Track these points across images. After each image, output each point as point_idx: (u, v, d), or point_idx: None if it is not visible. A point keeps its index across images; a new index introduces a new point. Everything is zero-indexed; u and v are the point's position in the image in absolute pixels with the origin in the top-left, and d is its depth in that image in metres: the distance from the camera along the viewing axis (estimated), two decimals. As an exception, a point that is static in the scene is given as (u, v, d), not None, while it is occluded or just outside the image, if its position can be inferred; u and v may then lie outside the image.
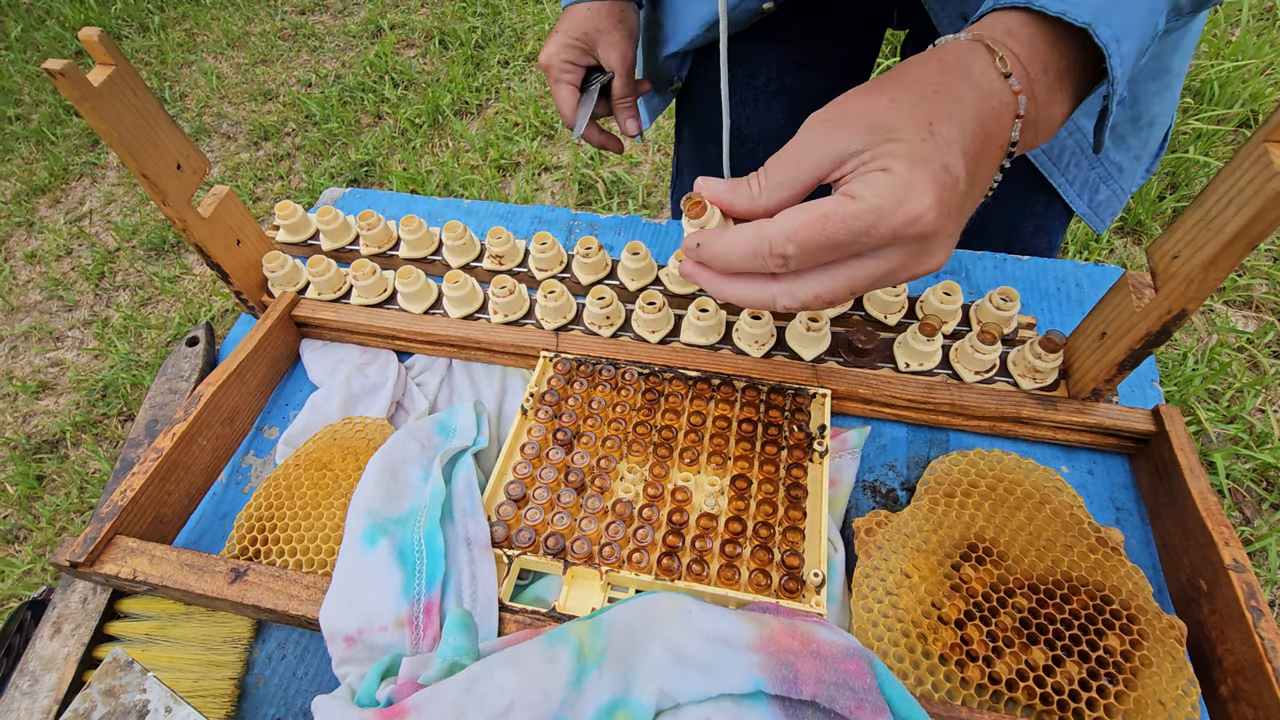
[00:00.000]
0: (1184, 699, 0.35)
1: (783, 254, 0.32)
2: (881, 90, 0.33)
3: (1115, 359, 0.42)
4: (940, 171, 0.30)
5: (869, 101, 0.33)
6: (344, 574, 0.39)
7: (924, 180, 0.30)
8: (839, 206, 0.31)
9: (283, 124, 2.06)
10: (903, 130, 0.31)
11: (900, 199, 0.30)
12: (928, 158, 0.30)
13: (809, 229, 0.31)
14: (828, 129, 0.33)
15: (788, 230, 0.31)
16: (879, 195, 0.30)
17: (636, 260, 0.53)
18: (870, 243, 0.31)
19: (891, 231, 0.30)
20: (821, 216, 0.31)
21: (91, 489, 1.34)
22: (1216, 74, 1.57)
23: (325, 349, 0.56)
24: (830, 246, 0.31)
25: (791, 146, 0.34)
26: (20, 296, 1.72)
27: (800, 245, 0.31)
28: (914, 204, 0.30)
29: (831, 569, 0.41)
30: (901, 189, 0.30)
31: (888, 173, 0.30)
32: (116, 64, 0.42)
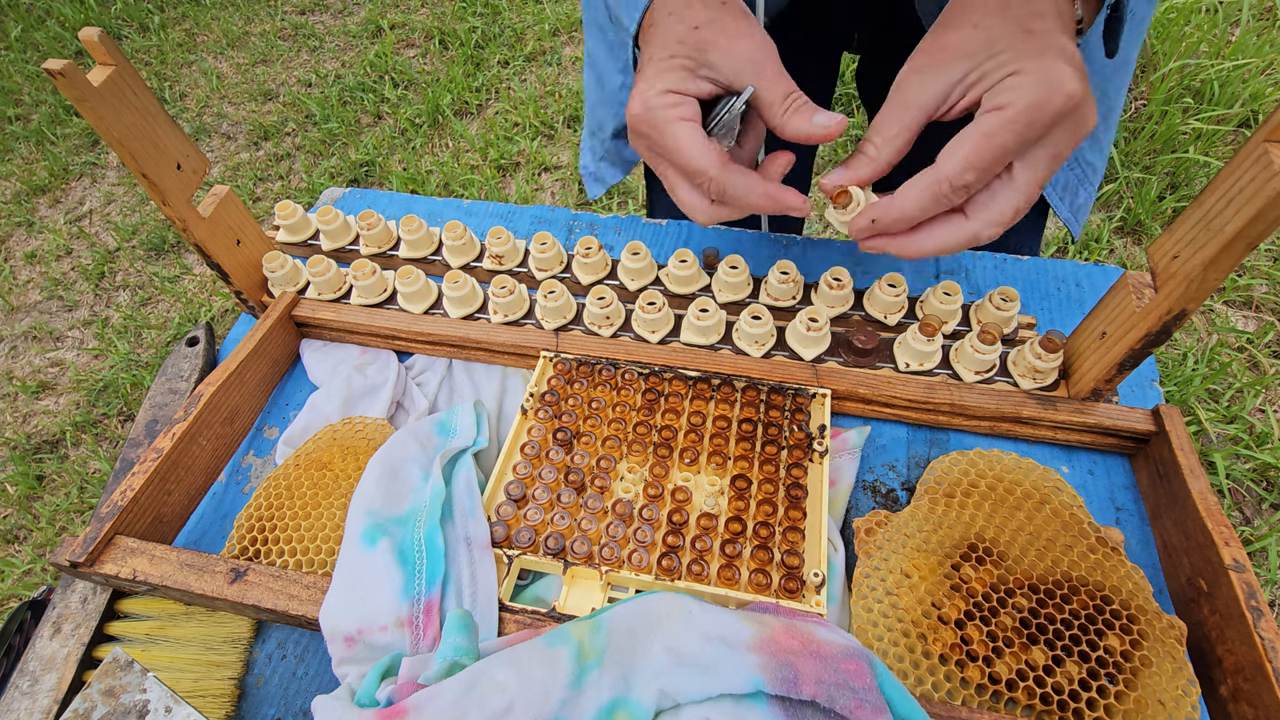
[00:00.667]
0: (1184, 699, 0.35)
1: (964, 183, 0.34)
2: (957, 23, 0.35)
3: (1115, 359, 0.42)
4: (1060, 51, 0.33)
5: (952, 36, 0.35)
6: (344, 574, 0.39)
7: (1056, 63, 0.32)
8: (995, 119, 0.33)
9: (283, 124, 2.06)
10: (1001, 41, 0.34)
11: (1050, 85, 0.32)
12: (1043, 47, 0.33)
13: (979, 151, 0.33)
14: (920, 75, 0.36)
15: (959, 161, 0.34)
16: (1027, 93, 0.32)
17: (636, 260, 0.53)
18: (1035, 135, 0.33)
19: (1053, 116, 0.32)
20: (984, 136, 0.33)
21: (91, 489, 1.34)
22: (1216, 74, 1.57)
23: (325, 349, 0.56)
24: (1004, 155, 0.34)
25: (891, 102, 0.36)
26: (20, 296, 1.72)
27: (977, 167, 0.34)
28: (1064, 85, 0.32)
29: (831, 569, 0.41)
30: (1044, 78, 0.32)
31: (1020, 74, 0.33)
32: (116, 64, 0.42)
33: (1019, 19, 0.34)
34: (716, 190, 0.39)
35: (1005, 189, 0.35)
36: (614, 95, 0.63)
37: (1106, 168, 1.60)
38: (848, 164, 0.38)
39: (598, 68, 0.64)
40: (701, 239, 0.63)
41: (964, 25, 0.35)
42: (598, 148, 0.68)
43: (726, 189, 0.38)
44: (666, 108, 0.38)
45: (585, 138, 0.71)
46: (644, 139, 0.40)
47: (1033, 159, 0.34)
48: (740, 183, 0.38)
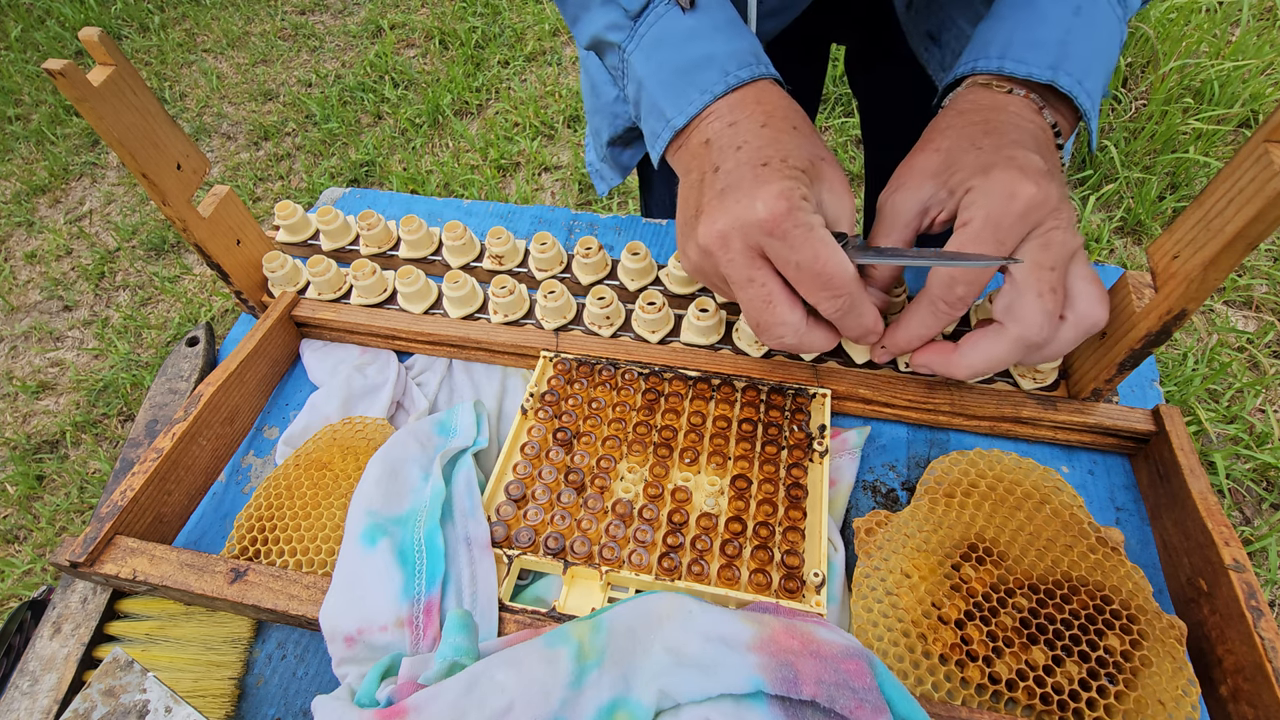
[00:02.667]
0: (1184, 699, 0.35)
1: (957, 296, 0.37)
2: (923, 149, 0.39)
3: (1115, 359, 0.42)
4: (1008, 161, 0.35)
5: (918, 160, 0.39)
6: (344, 574, 0.39)
7: (1004, 172, 0.35)
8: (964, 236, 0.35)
9: (283, 124, 2.06)
10: (958, 160, 0.37)
11: (999, 194, 0.34)
12: (990, 161, 0.36)
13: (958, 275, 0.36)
14: (898, 195, 0.39)
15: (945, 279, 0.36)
16: (983, 205, 0.35)
17: (636, 260, 0.53)
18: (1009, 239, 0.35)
19: (1016, 218, 0.34)
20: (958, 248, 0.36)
21: (91, 489, 1.34)
22: (1217, 74, 1.57)
23: (325, 349, 0.56)
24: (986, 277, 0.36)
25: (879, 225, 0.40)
26: (20, 296, 1.72)
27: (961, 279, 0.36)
28: (1017, 190, 0.34)
29: (831, 569, 0.41)
30: (994, 190, 0.35)
31: (974, 189, 0.35)
32: (116, 64, 0.42)
33: (970, 138, 0.37)
34: (848, 304, 0.37)
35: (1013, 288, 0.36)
36: (608, 106, 0.63)
37: (1107, 168, 1.59)
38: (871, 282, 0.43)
39: (591, 76, 0.64)
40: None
41: (930, 149, 0.39)
42: (599, 149, 0.69)
43: (857, 305, 0.37)
44: (812, 212, 0.36)
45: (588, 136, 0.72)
46: (774, 239, 0.35)
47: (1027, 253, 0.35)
48: (867, 301, 0.38)
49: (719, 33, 0.41)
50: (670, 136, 0.41)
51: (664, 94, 0.41)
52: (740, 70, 0.40)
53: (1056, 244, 0.35)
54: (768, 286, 0.37)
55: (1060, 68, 0.38)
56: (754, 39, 0.42)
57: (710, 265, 0.38)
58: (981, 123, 0.38)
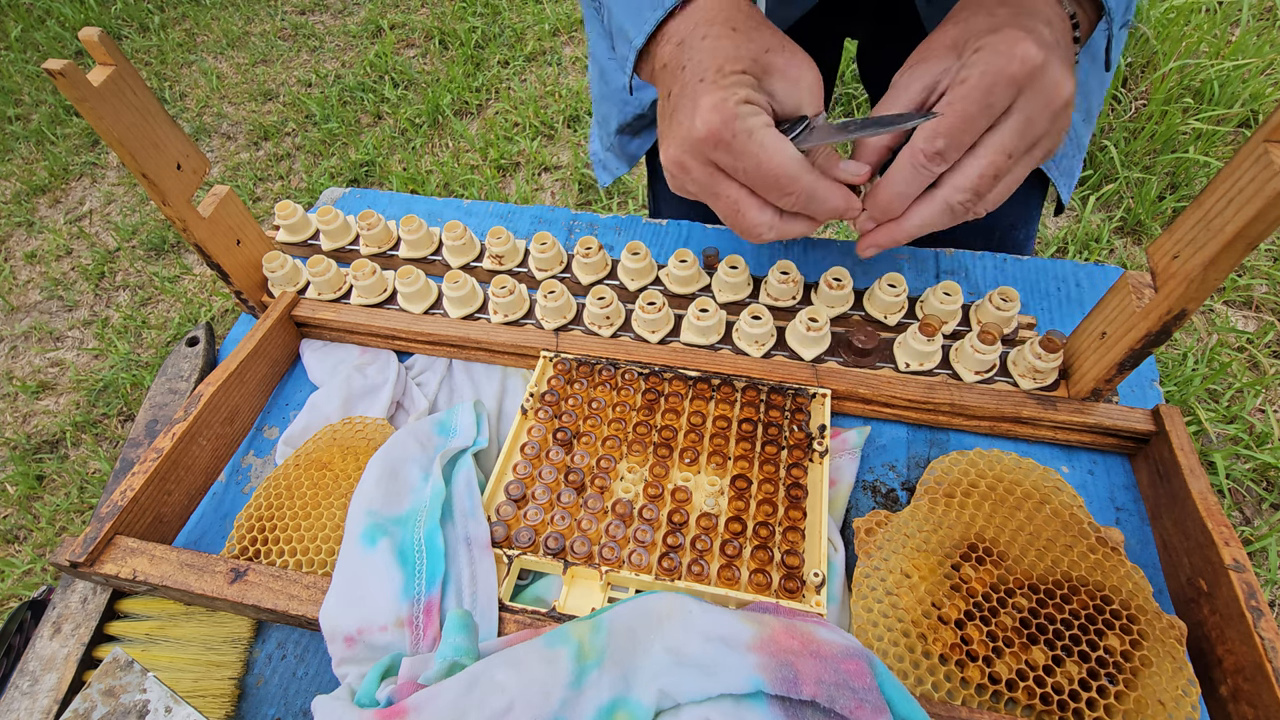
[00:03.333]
0: (1184, 699, 0.35)
1: (936, 150, 0.36)
2: (946, 25, 0.39)
3: (1115, 359, 0.42)
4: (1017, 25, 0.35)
5: (937, 37, 0.38)
6: (344, 574, 0.39)
7: (1010, 32, 0.34)
8: (956, 91, 0.35)
9: (283, 124, 2.06)
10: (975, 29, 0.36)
11: (1005, 54, 0.34)
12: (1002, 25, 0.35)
13: (945, 119, 0.35)
14: (912, 72, 0.38)
15: (927, 132, 0.36)
16: (983, 62, 0.34)
17: (636, 260, 0.53)
18: (998, 102, 0.34)
19: (1010, 80, 0.34)
20: (947, 104, 0.35)
21: (91, 489, 1.34)
22: (1217, 74, 1.57)
23: (325, 349, 0.56)
24: (967, 121, 0.35)
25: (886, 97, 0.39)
26: (20, 296, 1.72)
27: (945, 134, 0.35)
28: (1018, 51, 0.33)
29: (831, 569, 0.41)
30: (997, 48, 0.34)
31: (980, 49, 0.35)
32: (116, 64, 0.42)
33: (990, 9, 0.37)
34: (804, 198, 0.38)
35: (970, 157, 0.36)
36: (617, 93, 0.63)
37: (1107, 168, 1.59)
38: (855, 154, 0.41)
39: (600, 63, 0.64)
40: (701, 239, 0.63)
41: (949, 27, 0.38)
42: (606, 138, 0.68)
43: (815, 195, 0.38)
44: (751, 116, 0.36)
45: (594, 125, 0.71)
46: (719, 151, 0.37)
47: (999, 128, 0.36)
48: (824, 187, 0.38)
49: None
50: (634, 58, 0.42)
51: (626, 15, 0.42)
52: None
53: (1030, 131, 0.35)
54: (731, 195, 0.39)
55: None
56: None
57: (679, 186, 0.40)
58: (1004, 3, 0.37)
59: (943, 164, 0.36)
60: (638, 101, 0.62)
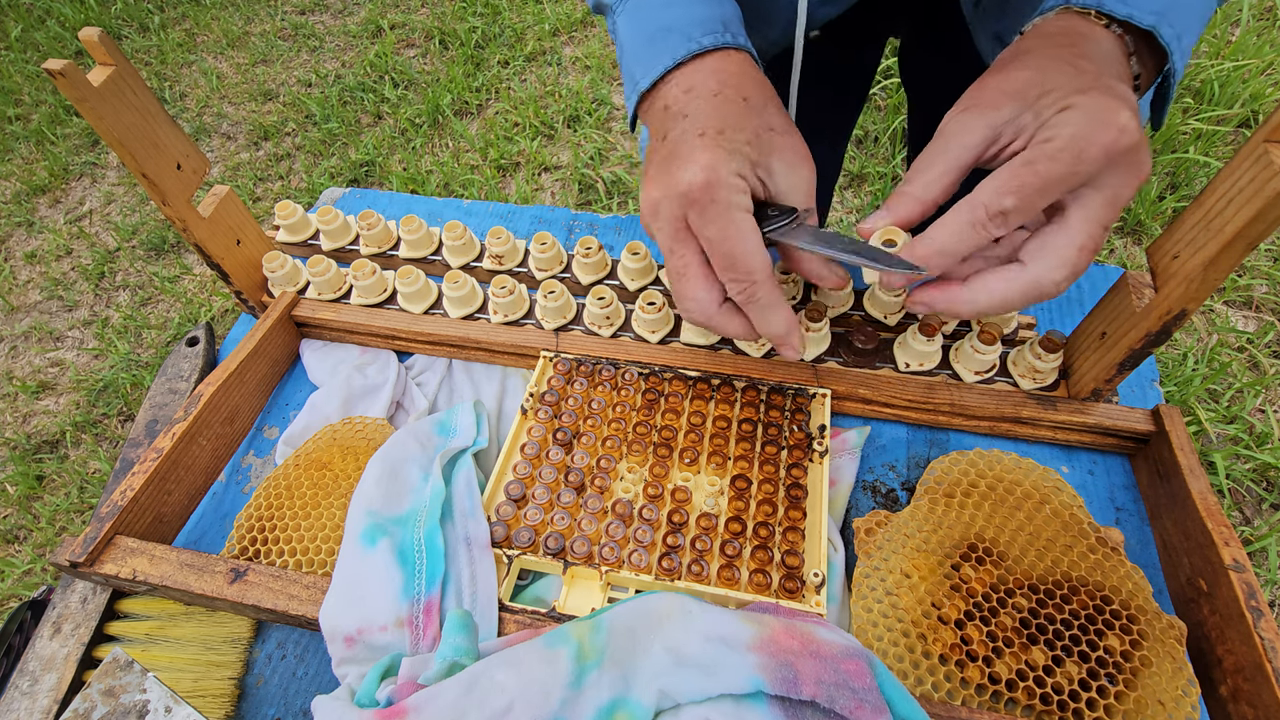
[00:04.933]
0: (1184, 699, 0.35)
1: (1001, 210, 0.32)
2: (1010, 66, 0.34)
3: (1115, 359, 0.42)
4: (1110, 90, 0.31)
5: (1005, 77, 0.34)
6: (344, 574, 0.39)
7: (1107, 98, 0.31)
8: (1039, 150, 0.31)
9: (283, 124, 2.06)
10: (1053, 80, 0.32)
11: (1100, 120, 0.30)
12: (1094, 85, 0.31)
13: (1017, 175, 0.31)
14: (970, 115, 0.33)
15: (998, 186, 0.32)
16: (1075, 125, 0.30)
17: (636, 260, 0.53)
18: (1084, 170, 0.31)
19: (1103, 150, 0.30)
20: (1026, 164, 0.31)
21: (91, 489, 1.34)
22: (1216, 74, 1.57)
23: (325, 349, 0.56)
24: (1046, 184, 0.31)
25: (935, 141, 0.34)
26: (20, 296, 1.72)
27: (1016, 193, 0.31)
28: (1113, 118, 0.30)
29: (831, 569, 0.41)
30: (1093, 113, 0.30)
31: (1070, 109, 0.31)
32: (116, 64, 0.42)
33: (1069, 61, 0.33)
34: (751, 292, 0.36)
35: (1059, 231, 0.33)
36: None
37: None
38: (889, 205, 0.36)
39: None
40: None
41: (1019, 69, 0.33)
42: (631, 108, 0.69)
43: (765, 297, 0.37)
44: (737, 191, 0.35)
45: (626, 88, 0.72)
46: (694, 210, 0.36)
47: (1087, 200, 0.32)
48: (778, 300, 0.37)
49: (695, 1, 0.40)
50: (637, 99, 0.41)
51: (635, 57, 0.41)
52: (704, 37, 0.39)
53: (1119, 204, 0.32)
54: (685, 259, 0.38)
55: (1166, 16, 0.33)
56: (732, 8, 0.41)
57: (646, 225, 0.39)
58: (1071, 47, 0.33)
59: (1004, 227, 0.33)
60: None
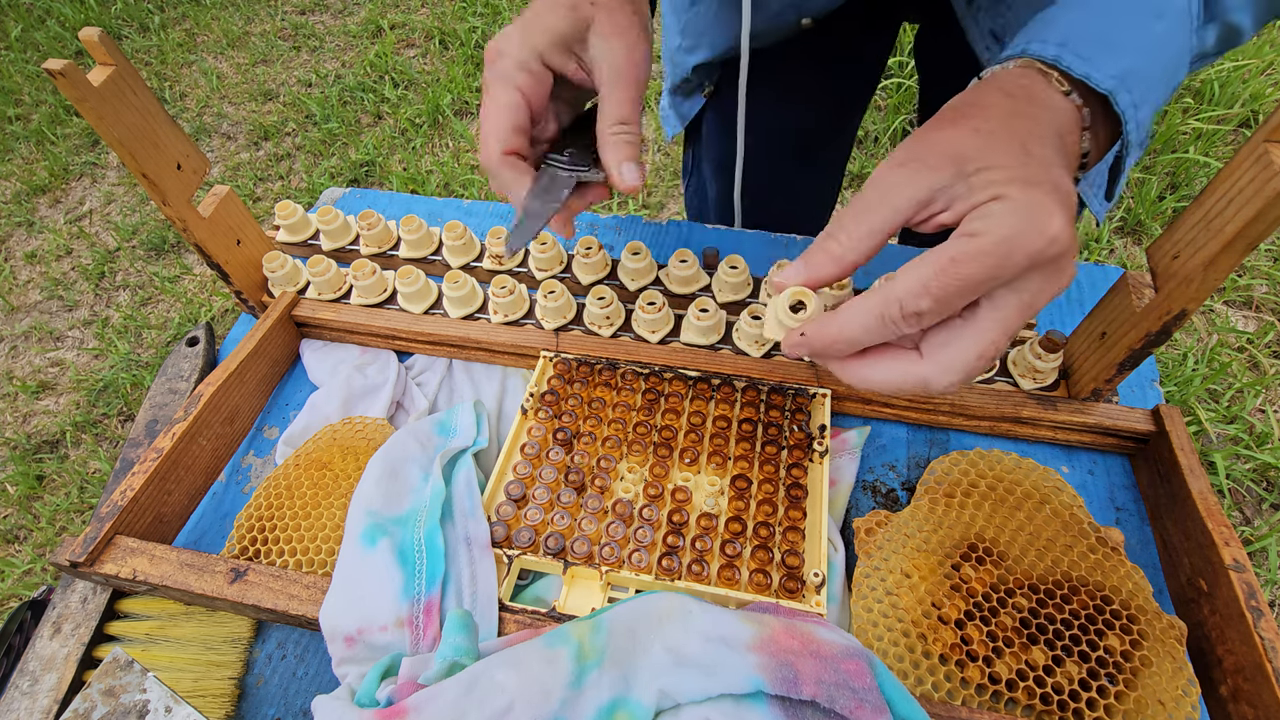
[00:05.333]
0: (1184, 699, 0.35)
1: (917, 310, 0.30)
2: (956, 123, 0.32)
3: (1115, 359, 0.42)
4: (1054, 189, 0.29)
5: (949, 135, 0.31)
6: (344, 574, 0.39)
7: (1046, 199, 0.29)
8: (965, 246, 0.29)
9: (283, 124, 2.06)
10: (998, 156, 0.30)
11: (1030, 222, 0.28)
12: (1038, 178, 0.29)
13: (940, 277, 0.29)
14: (906, 171, 0.31)
15: (915, 285, 0.29)
16: (1006, 224, 0.28)
17: (636, 260, 0.53)
18: (1006, 275, 0.29)
19: (1029, 257, 0.29)
20: (950, 261, 0.29)
21: (91, 489, 1.34)
22: (1216, 74, 1.57)
23: (325, 349, 0.56)
24: (966, 287, 0.29)
25: (863, 196, 0.32)
26: (20, 296, 1.72)
27: (933, 294, 0.29)
28: (1047, 224, 0.28)
29: (831, 569, 0.41)
30: (1027, 213, 0.28)
31: (1004, 200, 0.29)
32: (116, 64, 0.42)
33: (1020, 134, 0.30)
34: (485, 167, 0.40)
35: (968, 331, 0.31)
36: (670, 55, 0.67)
37: (1107, 168, 1.58)
38: (807, 259, 0.33)
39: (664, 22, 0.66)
40: (701, 239, 0.63)
41: (964, 126, 0.31)
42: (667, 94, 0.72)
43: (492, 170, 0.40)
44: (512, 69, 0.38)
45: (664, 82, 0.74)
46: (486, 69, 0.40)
47: (1001, 302, 0.30)
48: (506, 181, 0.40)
49: None
50: None
51: None
52: None
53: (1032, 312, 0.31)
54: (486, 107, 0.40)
55: (1126, 82, 0.32)
56: None
57: None
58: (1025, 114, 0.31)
59: (916, 327, 0.31)
60: (683, 65, 0.65)
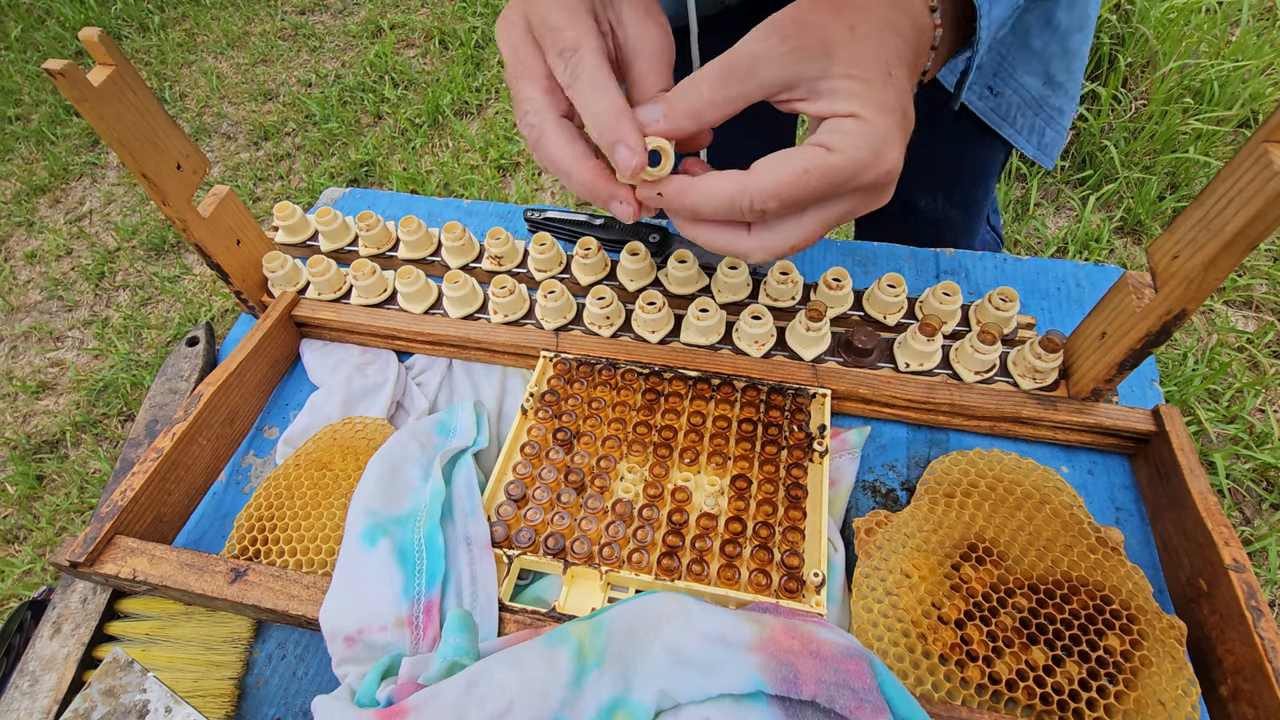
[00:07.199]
0: (1184, 699, 0.35)
1: (763, 209, 0.32)
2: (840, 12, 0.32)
3: (1115, 359, 0.42)
4: (903, 119, 0.32)
5: (828, 26, 0.32)
6: (344, 574, 0.39)
7: (894, 129, 0.31)
8: (819, 160, 0.31)
9: (283, 124, 2.06)
10: (866, 68, 0.31)
11: (877, 150, 0.31)
12: (892, 105, 0.31)
13: (790, 185, 0.31)
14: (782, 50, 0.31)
15: (768, 186, 0.31)
16: (857, 147, 0.31)
17: (636, 260, 0.53)
18: (844, 192, 0.32)
19: (867, 183, 0.32)
20: (803, 172, 0.31)
21: (91, 489, 1.34)
22: (1216, 74, 1.57)
23: (325, 349, 0.56)
24: (809, 199, 0.32)
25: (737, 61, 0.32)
26: (20, 296, 1.72)
27: (781, 200, 0.31)
28: (889, 155, 0.31)
29: (831, 569, 0.41)
30: (877, 140, 0.31)
31: (859, 120, 0.31)
32: (116, 64, 0.42)
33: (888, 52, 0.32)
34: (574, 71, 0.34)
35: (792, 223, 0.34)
36: None
37: (1107, 168, 1.59)
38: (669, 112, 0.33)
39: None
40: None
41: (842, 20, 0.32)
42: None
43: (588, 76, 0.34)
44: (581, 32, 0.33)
45: None
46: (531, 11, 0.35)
47: (830, 206, 0.33)
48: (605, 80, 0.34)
49: None
50: None
51: None
52: None
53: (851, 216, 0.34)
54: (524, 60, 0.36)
55: None
56: None
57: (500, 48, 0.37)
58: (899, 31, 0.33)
59: (760, 220, 0.33)
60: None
